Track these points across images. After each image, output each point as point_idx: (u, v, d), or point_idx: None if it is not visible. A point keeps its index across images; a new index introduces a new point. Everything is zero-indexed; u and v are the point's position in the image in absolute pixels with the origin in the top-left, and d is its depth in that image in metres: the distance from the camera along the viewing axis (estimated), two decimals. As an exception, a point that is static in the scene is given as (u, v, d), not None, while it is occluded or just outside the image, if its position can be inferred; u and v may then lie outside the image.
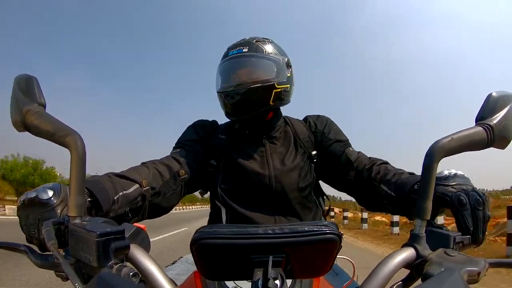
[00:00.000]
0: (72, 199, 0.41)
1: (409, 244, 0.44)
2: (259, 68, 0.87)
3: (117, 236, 0.38)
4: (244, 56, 0.88)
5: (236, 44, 0.91)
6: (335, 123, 0.98)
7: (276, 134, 0.93)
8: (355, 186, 0.86)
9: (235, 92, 0.85)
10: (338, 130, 0.96)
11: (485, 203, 0.53)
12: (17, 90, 0.47)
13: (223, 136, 0.92)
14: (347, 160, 0.87)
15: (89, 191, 0.57)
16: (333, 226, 0.38)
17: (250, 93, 0.85)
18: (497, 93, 0.49)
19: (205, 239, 0.36)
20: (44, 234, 0.40)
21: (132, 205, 0.69)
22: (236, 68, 0.88)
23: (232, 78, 0.88)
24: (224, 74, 0.90)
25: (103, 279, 0.31)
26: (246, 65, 0.88)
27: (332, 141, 0.92)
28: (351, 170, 0.86)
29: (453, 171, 0.59)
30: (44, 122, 0.44)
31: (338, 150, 0.90)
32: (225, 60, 0.90)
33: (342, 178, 0.88)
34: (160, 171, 0.78)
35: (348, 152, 0.89)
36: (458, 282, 0.33)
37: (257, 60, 0.88)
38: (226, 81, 0.89)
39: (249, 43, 0.89)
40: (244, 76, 0.87)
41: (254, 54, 0.88)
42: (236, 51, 0.89)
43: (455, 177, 0.58)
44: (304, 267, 0.39)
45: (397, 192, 0.71)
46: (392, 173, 0.76)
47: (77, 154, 0.41)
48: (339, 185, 0.92)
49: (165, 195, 0.78)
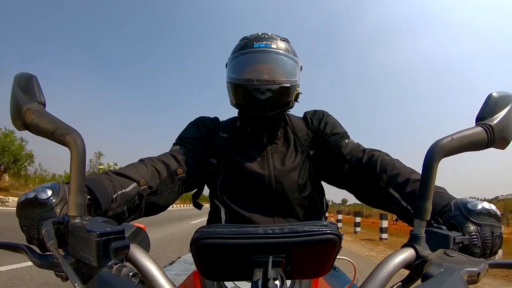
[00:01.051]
0: (72, 199, 0.40)
1: (409, 244, 0.44)
2: (289, 67, 0.86)
3: (117, 236, 0.38)
4: (275, 53, 0.85)
5: (260, 37, 0.87)
6: (332, 116, 0.96)
7: (277, 133, 0.92)
8: (351, 181, 0.84)
9: (266, 88, 0.81)
10: (334, 123, 0.93)
11: (498, 242, 0.49)
12: (17, 88, 0.47)
13: (224, 135, 0.91)
14: (340, 153, 0.85)
15: (89, 189, 0.57)
16: (333, 226, 0.37)
17: (281, 91, 0.83)
18: (497, 94, 0.49)
19: (205, 239, 0.36)
20: (44, 234, 0.40)
21: (129, 203, 0.68)
22: (266, 62, 0.85)
23: (261, 71, 0.84)
24: (249, 65, 0.86)
25: (102, 279, 0.31)
26: (277, 62, 0.85)
27: (329, 135, 0.90)
28: (345, 164, 0.84)
29: (486, 207, 0.51)
30: (44, 120, 0.44)
31: (334, 143, 0.88)
32: (250, 51, 0.86)
33: (337, 174, 0.87)
34: (158, 169, 0.77)
35: (342, 144, 0.87)
36: (458, 283, 0.33)
37: (287, 59, 0.86)
38: (252, 72, 0.84)
39: (275, 40, 0.87)
40: (276, 73, 0.84)
41: (284, 53, 0.86)
42: (263, 44, 0.85)
43: (484, 215, 0.50)
44: (303, 268, 0.39)
45: (412, 204, 0.64)
46: (402, 175, 0.70)
47: (77, 153, 0.41)
48: (336, 182, 0.90)
49: (162, 194, 0.78)
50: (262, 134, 0.90)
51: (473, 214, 0.50)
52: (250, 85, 0.82)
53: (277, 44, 0.86)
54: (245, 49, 0.86)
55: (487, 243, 0.49)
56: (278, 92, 0.82)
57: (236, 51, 0.88)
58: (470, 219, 0.50)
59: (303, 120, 0.96)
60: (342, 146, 0.86)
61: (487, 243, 0.49)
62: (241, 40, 0.90)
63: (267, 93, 0.81)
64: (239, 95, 0.86)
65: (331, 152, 0.88)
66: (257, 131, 0.91)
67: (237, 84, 0.85)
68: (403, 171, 0.71)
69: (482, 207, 0.51)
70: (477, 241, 0.48)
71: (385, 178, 0.73)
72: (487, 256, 0.49)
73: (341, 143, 0.87)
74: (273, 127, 0.91)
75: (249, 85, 0.82)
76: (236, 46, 0.90)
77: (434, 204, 0.54)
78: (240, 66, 0.86)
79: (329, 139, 0.89)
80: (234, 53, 0.89)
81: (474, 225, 0.49)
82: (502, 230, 0.51)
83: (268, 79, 0.83)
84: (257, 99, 0.81)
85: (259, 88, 0.81)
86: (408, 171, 0.72)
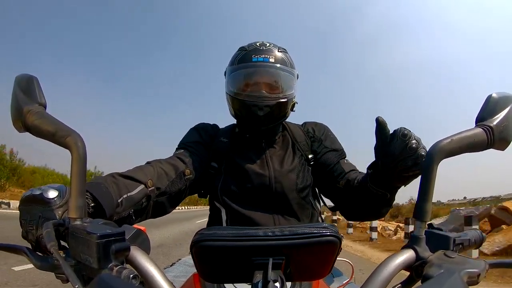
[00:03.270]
0: (72, 201, 0.40)
1: (409, 246, 0.44)
2: (286, 81, 0.88)
3: (117, 238, 0.38)
4: (273, 67, 0.86)
5: (258, 50, 0.87)
6: (332, 132, 0.98)
7: (275, 138, 0.94)
8: (342, 195, 0.87)
9: (264, 104, 0.83)
10: (334, 139, 0.96)
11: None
12: (18, 90, 0.46)
13: (225, 140, 0.92)
14: (341, 170, 0.88)
15: (92, 196, 0.57)
16: (333, 228, 0.38)
17: (279, 105, 0.85)
18: (497, 94, 0.49)
19: (205, 241, 0.36)
20: (44, 236, 0.40)
21: (136, 206, 0.69)
22: (264, 77, 0.86)
23: (259, 87, 0.85)
24: (247, 80, 0.87)
25: (103, 280, 0.31)
26: (275, 77, 0.86)
27: (328, 150, 0.92)
28: (341, 179, 0.86)
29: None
30: (45, 122, 0.44)
31: (333, 159, 0.91)
32: (248, 65, 0.87)
33: (332, 186, 0.89)
34: (165, 170, 0.78)
35: (342, 162, 0.90)
36: (458, 284, 0.33)
37: (284, 74, 0.87)
38: (250, 87, 0.86)
39: (273, 52, 0.87)
40: (273, 88, 0.86)
41: (282, 67, 0.87)
42: (262, 58, 0.86)
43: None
44: (303, 270, 0.39)
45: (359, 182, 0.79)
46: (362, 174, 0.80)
47: (77, 155, 0.41)
48: (327, 192, 0.93)
49: (170, 195, 0.78)
50: (261, 140, 0.92)
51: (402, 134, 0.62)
52: (248, 101, 0.84)
53: (275, 57, 0.87)
54: (243, 62, 0.87)
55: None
56: (276, 106, 0.85)
57: (234, 63, 0.89)
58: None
59: (302, 128, 0.98)
60: (342, 164, 0.89)
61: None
62: (239, 51, 0.91)
63: (265, 109, 0.83)
64: (237, 108, 0.88)
65: (328, 165, 0.90)
66: (255, 137, 0.92)
67: (236, 99, 0.87)
68: None
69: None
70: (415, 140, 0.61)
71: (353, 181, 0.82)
72: None
73: (340, 161, 0.90)
74: (271, 133, 0.93)
75: (247, 101, 0.84)
76: (234, 57, 0.91)
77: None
78: (239, 81, 0.88)
79: (327, 154, 0.92)
80: (232, 65, 0.90)
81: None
82: None
83: (266, 95, 0.84)
84: (255, 114, 0.83)
85: (258, 105, 0.83)
86: None
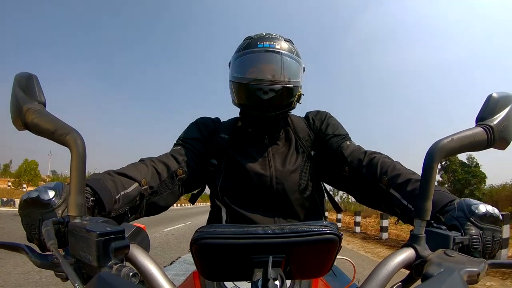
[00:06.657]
0: (72, 199, 0.40)
1: (409, 244, 0.44)
2: (292, 68, 0.86)
3: (117, 236, 0.38)
4: (279, 53, 0.85)
5: (264, 38, 0.87)
6: (334, 117, 0.96)
7: (279, 134, 0.92)
8: (352, 183, 0.84)
9: (269, 88, 0.81)
10: (336, 125, 0.94)
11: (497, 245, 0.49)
12: (17, 88, 0.46)
13: (225, 136, 0.91)
14: (341, 155, 0.85)
15: (92, 190, 0.57)
16: (333, 226, 0.37)
17: (284, 92, 0.83)
18: (497, 94, 0.49)
19: (205, 239, 0.36)
20: (44, 234, 0.40)
21: (131, 204, 0.69)
22: (269, 62, 0.85)
23: (264, 71, 0.84)
24: (253, 65, 0.86)
25: (102, 279, 0.31)
26: (280, 62, 0.85)
27: (330, 136, 0.90)
28: (345, 165, 0.84)
29: (490, 210, 0.50)
30: (44, 120, 0.44)
31: (335, 144, 0.88)
32: (254, 51, 0.85)
33: (338, 175, 0.86)
34: (158, 170, 0.78)
35: (343, 146, 0.86)
36: (458, 283, 0.33)
37: (290, 60, 0.86)
38: (255, 72, 0.84)
39: (279, 40, 0.87)
40: (279, 73, 0.84)
41: (288, 54, 0.86)
42: (267, 44, 0.85)
43: (487, 219, 0.50)
44: (303, 268, 0.39)
45: (412, 203, 0.64)
46: (402, 176, 0.70)
47: (77, 153, 0.41)
48: (336, 183, 0.90)
49: (162, 195, 0.78)
50: (263, 135, 0.90)
51: (476, 216, 0.50)
52: (253, 84, 0.82)
53: (281, 45, 0.86)
54: (249, 48, 0.86)
55: (487, 247, 0.49)
56: (281, 92, 0.82)
57: (240, 50, 0.88)
58: (473, 222, 0.49)
59: (305, 120, 0.96)
60: (343, 148, 0.86)
61: (487, 247, 0.49)
62: (245, 40, 0.90)
63: (270, 93, 0.81)
64: (242, 94, 0.86)
65: (332, 153, 0.88)
66: (259, 131, 0.90)
67: (240, 83, 0.85)
68: (403, 172, 0.71)
69: (486, 210, 0.50)
70: (478, 245, 0.48)
71: (385, 179, 0.73)
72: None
73: (342, 145, 0.87)
74: (274, 128, 0.91)
75: (252, 85, 0.82)
76: (240, 46, 0.90)
77: (436, 202, 0.54)
78: (244, 66, 0.86)
79: (330, 140, 0.89)
80: (238, 52, 0.89)
81: (477, 228, 0.49)
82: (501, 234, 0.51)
83: (272, 79, 0.83)
84: (260, 98, 0.81)
85: (262, 88, 0.81)
86: (408, 172, 0.72)
